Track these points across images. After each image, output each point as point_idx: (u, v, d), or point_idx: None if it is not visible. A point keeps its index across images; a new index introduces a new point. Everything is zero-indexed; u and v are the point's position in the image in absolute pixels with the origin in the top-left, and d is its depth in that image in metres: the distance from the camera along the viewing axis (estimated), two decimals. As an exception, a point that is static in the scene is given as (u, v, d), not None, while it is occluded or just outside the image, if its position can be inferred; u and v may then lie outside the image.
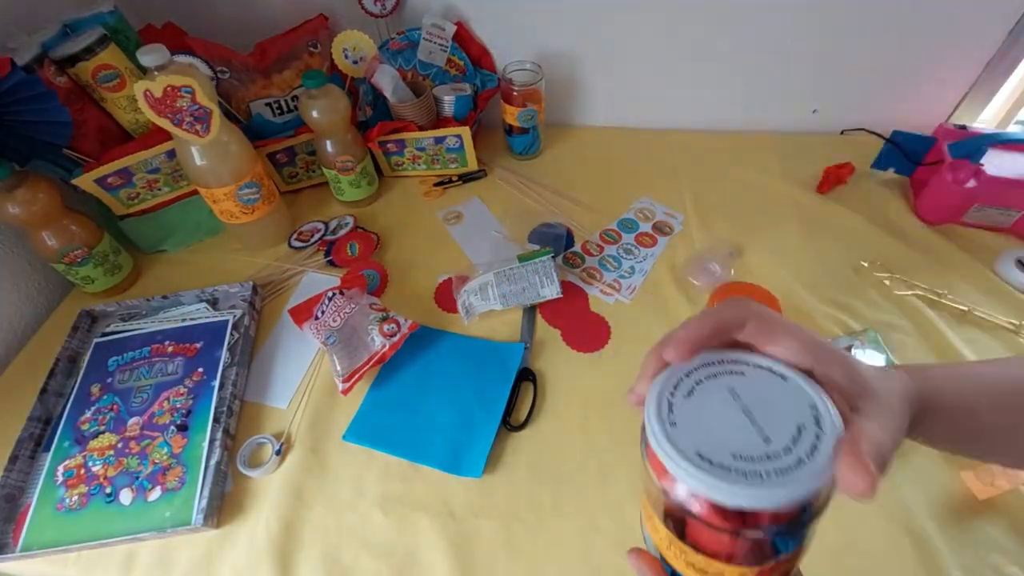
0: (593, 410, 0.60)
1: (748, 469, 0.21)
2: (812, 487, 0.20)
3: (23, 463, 0.58)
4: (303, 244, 0.80)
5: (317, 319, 0.65)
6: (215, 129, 0.64)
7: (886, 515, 0.51)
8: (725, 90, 0.91)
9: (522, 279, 0.67)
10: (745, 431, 0.22)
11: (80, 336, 0.69)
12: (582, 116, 0.98)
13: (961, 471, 0.53)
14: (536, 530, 0.52)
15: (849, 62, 0.84)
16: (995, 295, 0.68)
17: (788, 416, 0.22)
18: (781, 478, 0.20)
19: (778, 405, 0.23)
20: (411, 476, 0.56)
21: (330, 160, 0.79)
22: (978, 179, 0.71)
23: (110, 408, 0.61)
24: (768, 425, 0.22)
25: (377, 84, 0.80)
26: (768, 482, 0.20)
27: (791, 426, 0.22)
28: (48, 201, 0.65)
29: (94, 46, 0.68)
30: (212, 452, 0.57)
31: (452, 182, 0.88)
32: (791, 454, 0.21)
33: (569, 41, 0.87)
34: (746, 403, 0.23)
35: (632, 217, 0.82)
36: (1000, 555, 0.48)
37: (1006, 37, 0.78)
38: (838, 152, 0.86)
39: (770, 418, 0.22)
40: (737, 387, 0.23)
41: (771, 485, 0.20)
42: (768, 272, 0.72)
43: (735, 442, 0.21)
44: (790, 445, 0.21)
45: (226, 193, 0.71)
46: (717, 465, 0.21)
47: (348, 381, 0.60)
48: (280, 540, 0.53)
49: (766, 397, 0.23)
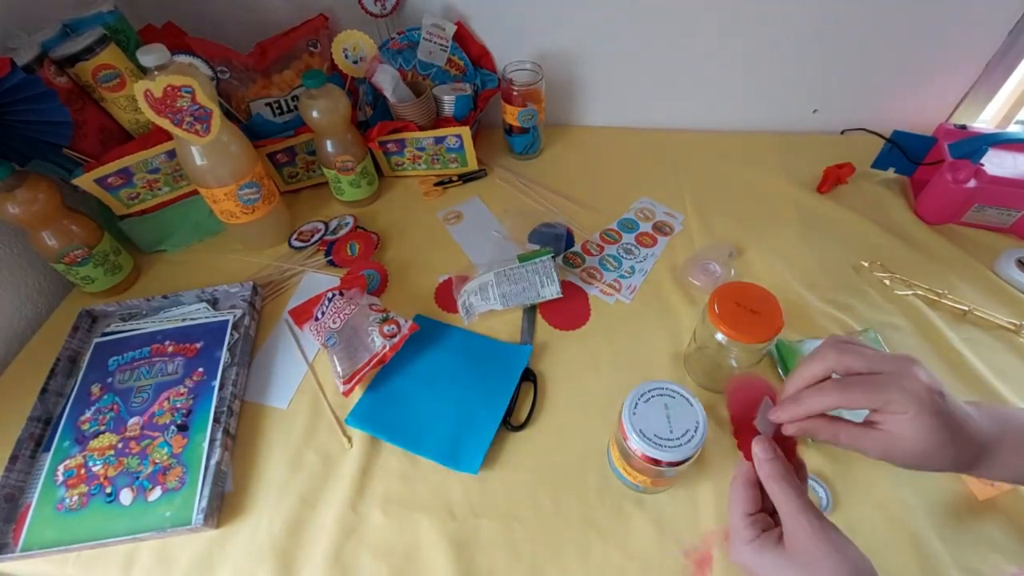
0: (593, 410, 0.60)
1: (660, 442, 0.44)
2: (685, 455, 0.44)
3: (23, 463, 0.58)
4: (303, 244, 0.80)
5: (317, 320, 0.65)
6: (215, 129, 0.64)
7: (886, 515, 0.51)
8: (725, 90, 0.91)
9: (522, 279, 0.67)
10: (664, 425, 0.45)
11: (80, 336, 0.69)
12: (582, 116, 0.98)
13: (961, 471, 0.53)
14: (536, 530, 0.52)
15: (849, 62, 0.84)
16: (995, 295, 0.68)
17: (685, 422, 0.45)
18: (672, 449, 0.44)
19: (683, 416, 0.46)
20: (411, 476, 0.56)
21: (330, 160, 0.79)
22: (978, 179, 0.71)
23: (110, 408, 0.61)
24: (675, 424, 0.45)
25: (377, 84, 0.80)
26: (667, 450, 0.44)
27: (685, 426, 0.45)
28: (48, 201, 0.65)
29: (94, 46, 0.68)
30: (212, 452, 0.57)
31: (452, 182, 0.88)
32: (681, 439, 0.44)
33: (569, 41, 0.87)
34: (669, 412, 0.46)
35: (632, 217, 0.82)
36: (1000, 555, 0.48)
37: (1006, 37, 0.78)
38: (838, 152, 0.86)
39: (677, 421, 0.45)
40: (668, 403, 0.47)
41: (668, 450, 0.44)
42: (768, 272, 0.72)
43: (658, 429, 0.45)
44: (680, 436, 0.45)
45: (226, 193, 0.71)
46: (647, 438, 0.45)
47: (348, 383, 0.60)
48: (280, 540, 0.53)
49: (679, 411, 0.46)
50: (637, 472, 0.49)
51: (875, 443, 0.36)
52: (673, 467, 0.45)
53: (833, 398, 0.36)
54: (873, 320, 0.66)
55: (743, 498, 0.39)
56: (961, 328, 0.65)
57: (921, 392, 0.34)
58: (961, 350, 0.62)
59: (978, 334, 0.64)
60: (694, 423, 0.45)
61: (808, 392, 0.38)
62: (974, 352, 0.62)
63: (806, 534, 0.35)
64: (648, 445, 0.44)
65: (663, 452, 0.44)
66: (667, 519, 0.52)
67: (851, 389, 0.36)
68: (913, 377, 0.35)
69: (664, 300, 0.70)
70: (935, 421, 0.34)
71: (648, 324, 0.68)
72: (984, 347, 0.63)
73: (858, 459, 0.54)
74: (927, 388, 0.35)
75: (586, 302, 0.71)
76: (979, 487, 0.52)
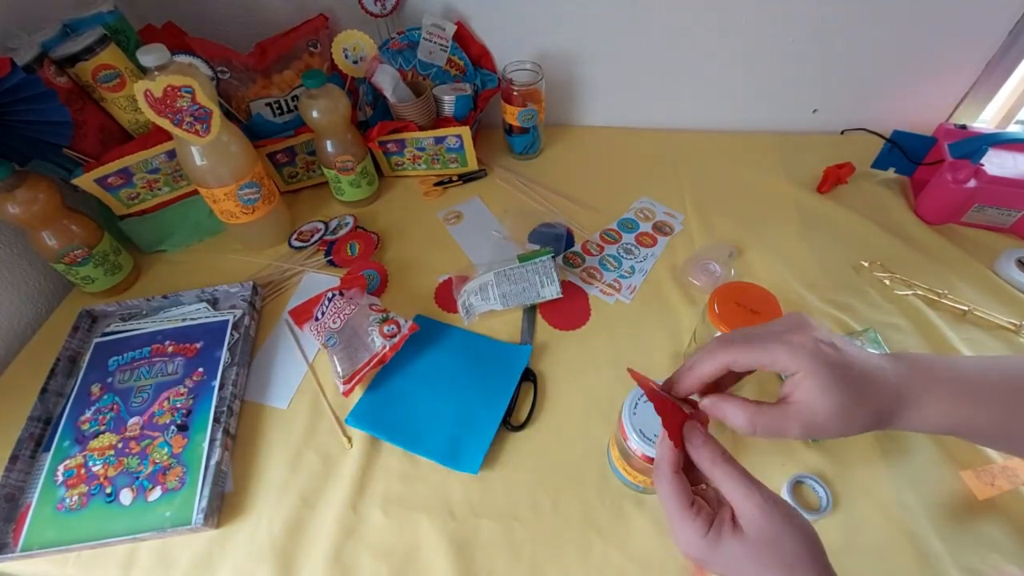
0: (594, 410, 0.60)
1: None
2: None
3: (23, 463, 0.58)
4: (303, 244, 0.80)
5: (317, 320, 0.65)
6: (215, 129, 0.64)
7: (886, 515, 0.51)
8: (725, 90, 0.91)
9: (522, 279, 0.67)
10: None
11: (80, 336, 0.69)
12: (582, 116, 0.98)
13: (961, 471, 0.53)
14: (536, 530, 0.52)
15: (849, 62, 0.84)
16: (995, 295, 0.68)
17: None
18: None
19: None
20: (411, 476, 0.56)
21: (330, 160, 0.79)
22: (978, 179, 0.71)
23: (110, 408, 0.61)
24: None
25: (377, 84, 0.80)
26: None
27: None
28: (48, 201, 0.65)
29: (94, 46, 0.68)
30: (212, 452, 0.57)
31: (452, 182, 0.88)
32: None
33: (569, 41, 0.87)
34: None
35: (632, 217, 0.82)
36: (1000, 555, 0.48)
37: (1006, 37, 0.78)
38: (838, 152, 0.86)
39: None
40: None
41: None
42: (768, 272, 0.72)
43: (658, 429, 0.41)
44: None
45: (226, 193, 0.71)
46: (647, 438, 0.44)
47: (349, 383, 0.60)
48: (280, 540, 0.53)
49: None
50: (637, 472, 0.49)
51: (791, 419, 0.33)
52: None
53: (718, 357, 0.34)
54: (873, 320, 0.66)
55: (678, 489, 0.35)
56: (961, 328, 0.65)
57: (807, 343, 0.32)
58: (961, 350, 0.62)
59: (978, 334, 0.64)
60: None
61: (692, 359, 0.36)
62: (974, 352, 0.62)
63: (761, 512, 0.32)
64: (648, 445, 0.44)
65: None
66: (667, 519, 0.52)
67: (734, 345, 0.34)
68: (800, 330, 0.33)
69: (664, 300, 0.70)
70: (832, 374, 0.32)
71: (648, 324, 0.68)
72: (984, 347, 0.63)
73: (858, 459, 0.54)
74: (813, 339, 0.33)
75: (586, 302, 0.71)
76: (979, 487, 0.52)
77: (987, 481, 0.52)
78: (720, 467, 0.34)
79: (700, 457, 0.35)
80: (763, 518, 0.32)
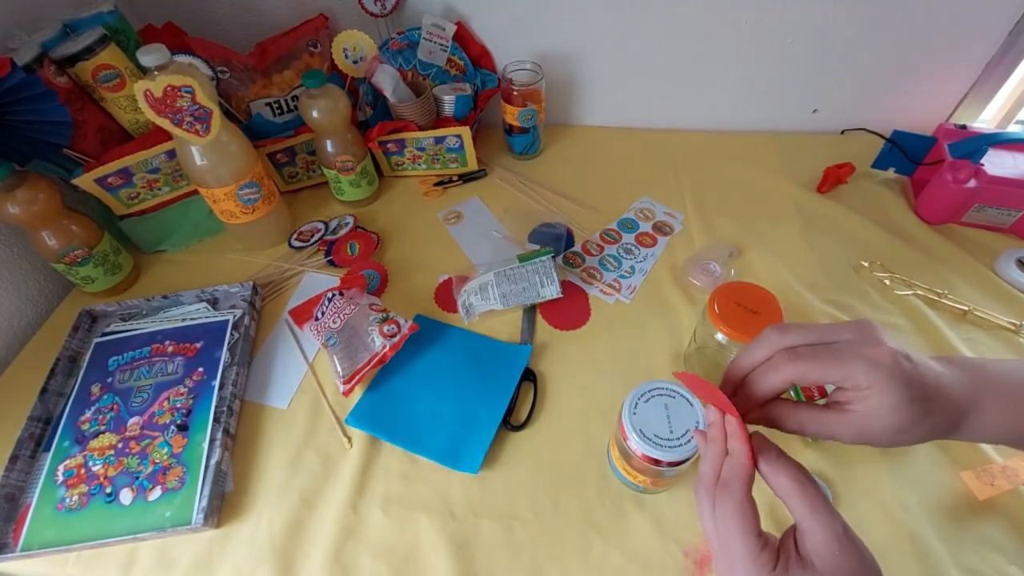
0: (594, 410, 0.60)
1: (660, 442, 0.44)
2: (685, 455, 0.43)
3: (23, 463, 0.58)
4: (303, 244, 0.80)
5: (317, 320, 0.65)
6: (215, 129, 0.64)
7: (886, 515, 0.51)
8: (725, 90, 0.91)
9: (522, 279, 0.67)
10: (664, 425, 0.45)
11: (80, 336, 0.69)
12: (582, 116, 0.98)
13: (961, 471, 0.53)
14: (536, 530, 0.52)
15: (849, 62, 0.84)
16: (995, 295, 0.68)
17: (686, 422, 0.45)
18: (672, 449, 0.44)
19: (683, 416, 0.45)
20: (411, 476, 0.56)
21: (330, 160, 0.79)
22: (978, 179, 0.71)
23: (110, 408, 0.61)
24: (675, 424, 0.45)
25: (377, 84, 0.80)
26: (667, 450, 0.44)
27: (685, 426, 0.45)
28: (48, 201, 0.65)
29: (94, 46, 0.68)
30: (212, 452, 0.57)
31: (452, 182, 0.88)
32: (681, 439, 0.44)
33: (569, 41, 0.87)
34: (669, 412, 0.45)
35: (632, 217, 0.82)
36: (1000, 555, 0.48)
37: (1006, 37, 0.78)
38: (838, 152, 0.86)
39: (677, 421, 0.45)
40: (668, 403, 0.46)
41: (668, 450, 0.44)
42: (768, 272, 0.72)
43: (658, 429, 0.45)
44: (680, 436, 0.44)
45: (226, 193, 0.71)
46: (647, 438, 0.44)
47: (349, 383, 0.60)
48: (280, 540, 0.53)
49: (679, 411, 0.45)
50: (637, 472, 0.49)
51: (846, 427, 0.31)
52: (673, 467, 0.45)
53: (784, 373, 0.32)
54: (873, 320, 0.66)
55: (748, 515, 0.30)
56: (961, 328, 0.65)
57: (886, 359, 0.30)
58: (961, 350, 0.62)
59: (978, 334, 0.64)
60: (694, 423, 0.45)
61: (755, 373, 0.33)
62: (974, 352, 0.62)
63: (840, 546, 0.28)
64: (648, 445, 0.44)
65: (663, 452, 0.44)
66: (667, 519, 0.52)
67: (803, 359, 0.31)
68: (874, 343, 0.31)
69: (664, 300, 0.70)
70: (907, 393, 0.30)
71: (648, 324, 0.68)
72: (984, 347, 0.63)
73: (858, 459, 0.54)
74: (891, 354, 0.30)
75: (586, 302, 0.71)
76: (979, 487, 0.52)
77: (987, 481, 0.52)
78: (801, 488, 0.30)
79: (775, 474, 0.31)
80: (840, 554, 0.28)
